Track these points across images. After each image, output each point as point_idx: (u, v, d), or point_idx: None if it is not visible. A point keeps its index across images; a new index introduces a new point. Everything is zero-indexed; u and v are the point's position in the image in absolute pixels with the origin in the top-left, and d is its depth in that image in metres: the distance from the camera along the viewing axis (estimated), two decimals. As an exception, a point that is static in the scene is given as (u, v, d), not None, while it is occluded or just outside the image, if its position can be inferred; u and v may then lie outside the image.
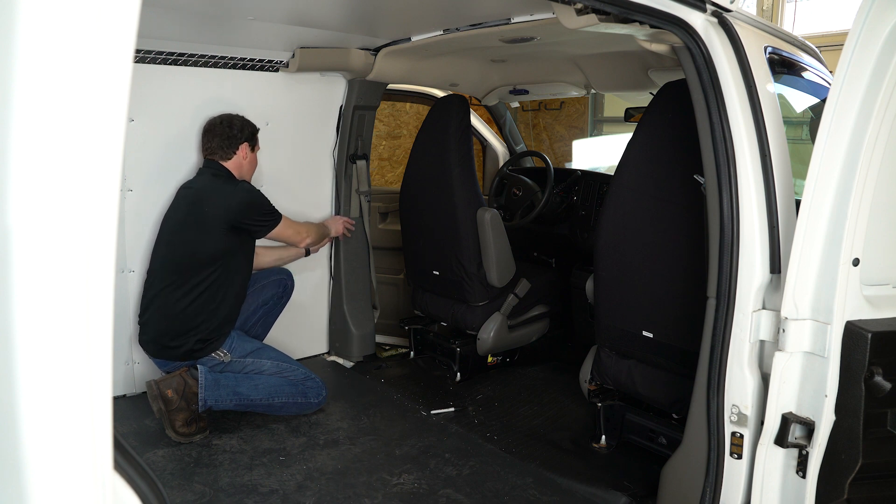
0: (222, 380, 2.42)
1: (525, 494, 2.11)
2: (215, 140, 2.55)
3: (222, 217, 2.43)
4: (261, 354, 2.58)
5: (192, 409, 2.37)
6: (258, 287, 2.80)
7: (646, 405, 2.40)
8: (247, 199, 2.50)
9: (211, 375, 2.40)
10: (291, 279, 2.94)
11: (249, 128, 2.62)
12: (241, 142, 2.58)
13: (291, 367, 2.60)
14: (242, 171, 2.62)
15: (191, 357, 2.46)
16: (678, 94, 2.01)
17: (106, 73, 0.59)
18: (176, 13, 2.19)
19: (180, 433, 2.36)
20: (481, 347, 3.05)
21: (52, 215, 0.58)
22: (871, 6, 1.37)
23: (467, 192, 2.91)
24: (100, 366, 0.63)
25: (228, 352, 2.53)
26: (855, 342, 1.46)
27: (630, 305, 2.26)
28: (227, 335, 2.54)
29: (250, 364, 2.54)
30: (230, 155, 2.57)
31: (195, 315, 2.44)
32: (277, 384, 2.52)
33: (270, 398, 2.50)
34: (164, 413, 2.35)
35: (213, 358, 2.49)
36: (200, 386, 2.36)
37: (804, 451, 1.53)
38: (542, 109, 5.24)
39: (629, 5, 1.59)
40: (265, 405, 2.51)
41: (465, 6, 2.25)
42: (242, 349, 2.56)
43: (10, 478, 0.60)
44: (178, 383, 2.37)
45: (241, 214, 2.47)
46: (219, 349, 2.51)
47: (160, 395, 2.35)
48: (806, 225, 1.48)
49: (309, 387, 2.59)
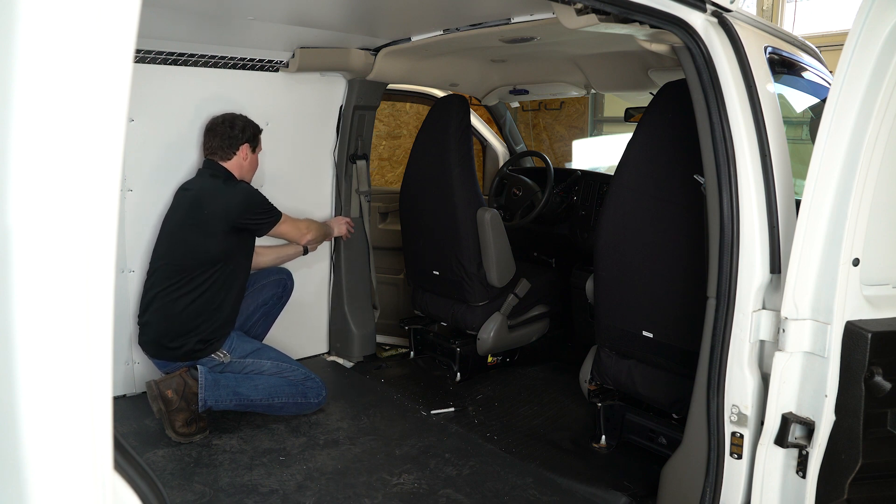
0: (222, 380, 2.42)
1: (525, 494, 2.11)
2: (216, 140, 2.55)
3: (222, 218, 2.43)
4: (261, 355, 2.58)
5: (192, 410, 2.37)
6: (257, 287, 2.80)
7: (646, 405, 2.40)
8: (246, 199, 2.50)
9: (211, 376, 2.40)
10: (291, 279, 2.94)
11: (251, 129, 2.61)
12: (242, 143, 2.57)
13: (291, 367, 2.60)
14: (242, 171, 2.61)
15: (191, 358, 2.46)
16: (678, 94, 2.01)
17: (106, 73, 0.59)
18: (176, 13, 2.19)
19: (180, 433, 2.36)
20: (481, 347, 3.05)
21: (53, 215, 0.58)
22: (871, 6, 1.37)
23: (467, 192, 2.91)
24: (100, 366, 0.63)
25: (228, 352, 2.52)
26: (855, 342, 1.46)
27: (630, 305, 2.26)
28: (227, 336, 2.54)
29: (250, 364, 2.54)
30: (230, 155, 2.56)
31: (196, 316, 2.44)
32: (277, 384, 2.52)
33: (270, 398, 2.50)
34: (164, 413, 2.34)
35: (213, 359, 2.49)
36: (200, 386, 2.36)
37: (804, 451, 1.53)
38: (542, 109, 5.24)
39: (629, 5, 1.59)
40: (265, 405, 2.51)
41: (465, 6, 2.25)
42: (242, 349, 2.56)
43: (10, 478, 0.60)
44: (178, 383, 2.37)
45: (241, 214, 2.47)
46: (219, 350, 2.51)
47: (160, 396, 2.35)
48: (806, 225, 1.48)
49: (309, 387, 2.59)
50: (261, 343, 2.69)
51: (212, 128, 2.57)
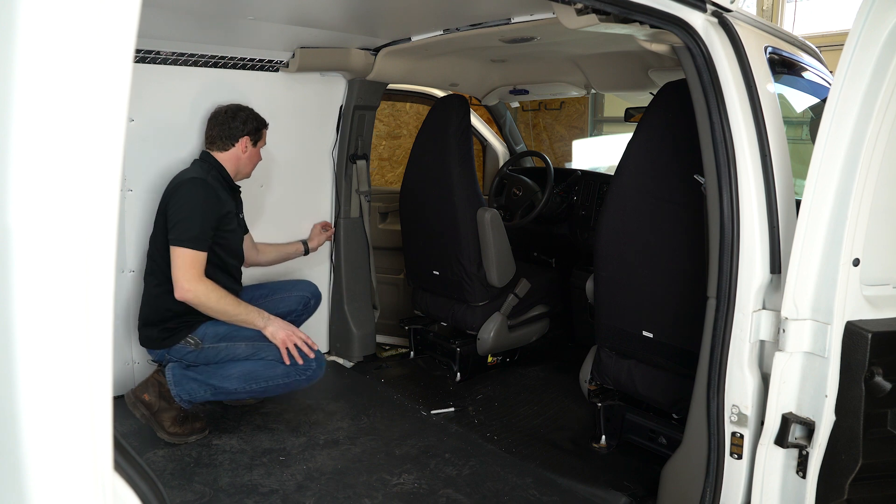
0: (191, 374, 2.35)
1: (525, 494, 2.11)
2: (216, 129, 2.49)
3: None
4: (234, 338, 2.38)
5: (177, 408, 2.36)
6: (276, 299, 2.69)
7: (646, 405, 2.40)
8: (180, 193, 2.32)
9: (178, 371, 2.35)
10: (317, 298, 2.83)
11: (254, 122, 2.52)
12: (243, 135, 2.50)
13: (269, 345, 2.36)
14: (239, 164, 2.53)
15: (164, 345, 2.40)
16: (678, 94, 2.01)
17: (106, 73, 0.59)
18: (176, 13, 2.19)
19: (172, 433, 2.35)
20: (481, 347, 3.05)
21: (53, 215, 0.58)
22: (871, 6, 1.37)
23: (467, 192, 2.91)
24: (100, 366, 0.63)
25: (201, 339, 2.38)
26: (855, 342, 1.46)
27: (630, 305, 2.26)
28: (199, 323, 2.39)
29: (224, 349, 2.38)
30: (227, 147, 2.49)
31: (166, 304, 2.37)
32: (252, 369, 2.35)
33: (248, 384, 2.34)
34: (150, 417, 2.35)
35: (185, 346, 2.38)
36: (169, 383, 2.33)
37: (804, 452, 1.53)
38: (542, 109, 5.25)
39: (629, 5, 1.59)
40: (248, 392, 2.37)
41: (465, 6, 2.25)
42: (215, 334, 2.38)
43: (10, 478, 0.60)
44: (153, 385, 2.37)
45: (169, 205, 2.33)
46: (189, 336, 2.38)
47: (139, 401, 2.35)
48: (806, 225, 1.48)
49: (294, 362, 2.35)
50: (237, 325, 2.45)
51: (214, 116, 2.51)
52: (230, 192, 2.51)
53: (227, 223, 2.43)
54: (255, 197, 2.95)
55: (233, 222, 2.47)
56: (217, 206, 2.36)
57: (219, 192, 2.41)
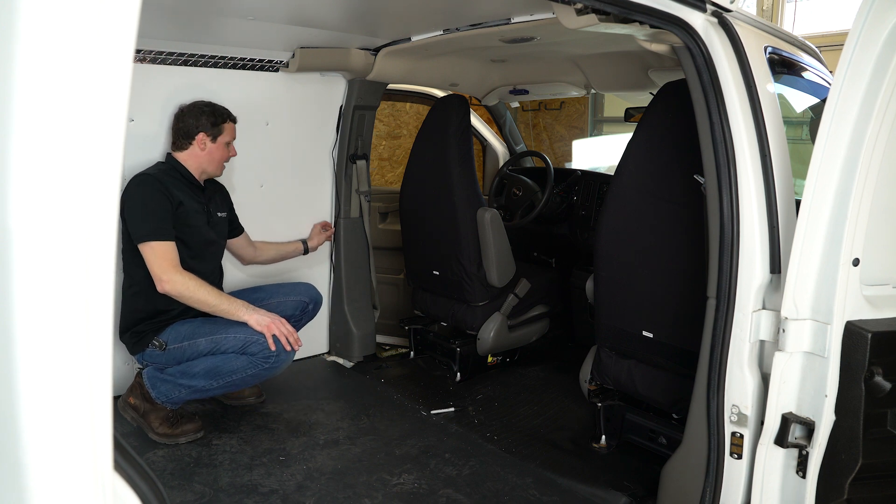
0: (162, 375, 2.35)
1: (525, 494, 2.11)
2: (173, 130, 2.46)
3: None
4: (194, 335, 2.34)
5: (164, 409, 2.36)
6: (272, 303, 2.66)
7: (646, 405, 2.40)
8: (125, 195, 2.27)
9: (152, 374, 2.36)
10: (315, 303, 2.81)
11: (210, 117, 2.43)
12: (198, 132, 2.41)
13: (227, 337, 2.29)
14: (201, 163, 2.46)
15: (135, 350, 2.41)
16: (678, 94, 2.01)
17: (106, 72, 0.59)
18: (176, 13, 2.19)
19: (161, 434, 2.35)
20: (481, 347, 3.05)
21: (53, 216, 0.58)
22: (871, 6, 1.37)
23: (467, 192, 2.91)
24: (100, 366, 0.63)
25: (165, 341, 2.36)
26: (855, 342, 1.46)
27: (630, 305, 2.26)
28: (166, 325, 2.38)
29: (188, 348, 2.34)
30: (185, 146, 2.43)
31: (136, 304, 2.37)
32: (214, 365, 2.29)
33: (212, 380, 2.29)
34: (138, 419, 2.38)
35: (153, 349, 2.37)
36: (147, 387, 2.35)
37: (804, 452, 1.53)
38: (542, 109, 5.25)
39: (629, 5, 1.59)
40: (220, 387, 2.33)
41: (465, 6, 2.25)
42: (178, 334, 2.35)
43: (10, 478, 0.60)
44: (136, 388, 2.40)
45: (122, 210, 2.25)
46: (154, 339, 2.37)
47: (127, 405, 2.39)
48: (806, 225, 1.48)
49: (253, 352, 2.28)
50: (200, 321, 2.41)
51: (175, 115, 2.49)
52: (195, 189, 2.46)
53: (185, 218, 2.38)
54: (255, 197, 2.95)
55: (193, 217, 2.41)
56: (165, 198, 2.31)
57: (170, 187, 2.34)
